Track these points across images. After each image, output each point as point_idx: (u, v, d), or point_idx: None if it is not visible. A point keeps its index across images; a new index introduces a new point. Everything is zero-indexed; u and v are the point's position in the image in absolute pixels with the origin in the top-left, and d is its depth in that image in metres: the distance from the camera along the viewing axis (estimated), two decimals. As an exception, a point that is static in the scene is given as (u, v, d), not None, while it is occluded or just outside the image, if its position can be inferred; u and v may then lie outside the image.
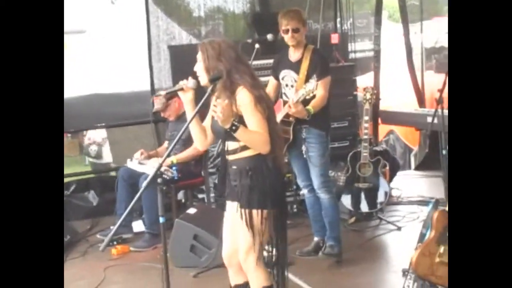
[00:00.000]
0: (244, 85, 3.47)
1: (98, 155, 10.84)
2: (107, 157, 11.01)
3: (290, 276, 4.81)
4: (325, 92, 4.95)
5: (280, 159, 3.68)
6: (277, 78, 5.24)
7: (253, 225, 3.51)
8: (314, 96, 4.83)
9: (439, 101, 5.31)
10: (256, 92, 3.48)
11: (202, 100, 3.51)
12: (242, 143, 3.51)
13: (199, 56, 3.59)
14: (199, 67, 3.59)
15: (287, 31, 5.03)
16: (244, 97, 3.46)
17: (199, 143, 3.76)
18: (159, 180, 3.43)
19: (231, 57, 3.51)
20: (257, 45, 5.46)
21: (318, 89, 4.89)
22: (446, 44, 9.86)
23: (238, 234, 3.60)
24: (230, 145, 3.59)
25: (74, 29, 12.47)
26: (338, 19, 8.06)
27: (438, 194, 5.88)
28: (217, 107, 3.30)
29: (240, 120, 3.44)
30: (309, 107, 4.84)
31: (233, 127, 3.37)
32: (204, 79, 3.57)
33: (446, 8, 9.35)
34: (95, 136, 10.73)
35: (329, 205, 5.23)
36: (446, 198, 4.38)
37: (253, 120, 3.46)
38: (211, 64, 3.52)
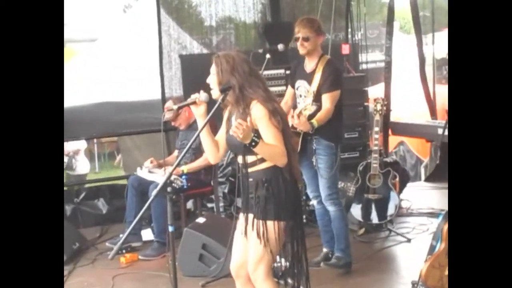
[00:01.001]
0: (257, 99, 3.47)
1: (69, 167, 10.67)
2: (82, 168, 10.92)
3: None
4: (331, 106, 4.89)
5: (297, 171, 3.68)
6: (293, 86, 5.22)
7: (268, 237, 3.50)
8: (319, 110, 4.82)
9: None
10: (270, 106, 3.47)
11: (212, 111, 3.51)
12: (260, 155, 3.52)
13: (213, 69, 3.57)
14: (212, 80, 3.58)
15: (298, 39, 5.01)
16: (258, 111, 3.45)
17: (211, 156, 3.75)
18: (168, 189, 3.44)
19: (245, 71, 3.51)
20: (268, 55, 5.43)
21: (324, 102, 4.88)
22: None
23: (249, 245, 3.59)
24: (248, 158, 3.58)
25: (86, 37, 12.54)
26: (349, 30, 8.07)
27: (448, 206, 5.85)
28: (239, 129, 3.27)
29: (256, 134, 3.44)
30: (314, 120, 4.78)
31: (253, 143, 3.36)
32: (216, 93, 3.55)
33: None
34: (68, 146, 10.58)
35: (336, 217, 5.20)
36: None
37: (269, 133, 3.45)
38: (224, 78, 3.51)
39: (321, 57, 5.07)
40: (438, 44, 8.86)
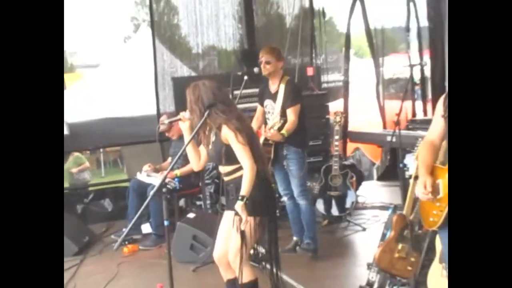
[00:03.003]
0: (223, 123, 3.49)
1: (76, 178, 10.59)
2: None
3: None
4: (295, 118, 4.94)
5: (268, 173, 3.70)
6: (262, 105, 5.25)
7: (245, 231, 3.51)
8: (285, 123, 4.88)
9: (397, 123, 5.36)
10: (234, 124, 3.49)
11: (198, 126, 3.51)
12: (235, 166, 3.54)
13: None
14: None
15: (261, 62, 5.05)
16: (227, 132, 3.49)
17: (194, 164, 3.80)
18: (164, 189, 3.43)
19: (209, 98, 3.52)
20: (245, 77, 5.47)
21: (289, 115, 4.95)
22: (401, 76, 9.93)
23: (231, 238, 3.59)
24: (226, 168, 3.62)
25: (90, 63, 12.49)
26: (313, 55, 8.12)
27: (397, 200, 5.88)
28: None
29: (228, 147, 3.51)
30: (283, 131, 4.86)
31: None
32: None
33: (401, 46, 9.43)
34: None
35: (306, 210, 5.23)
36: (403, 204, 4.39)
37: (237, 148, 3.48)
38: (192, 107, 3.56)
39: (281, 78, 5.10)
40: (386, 67, 8.95)
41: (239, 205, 3.41)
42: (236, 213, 3.49)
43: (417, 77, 8.40)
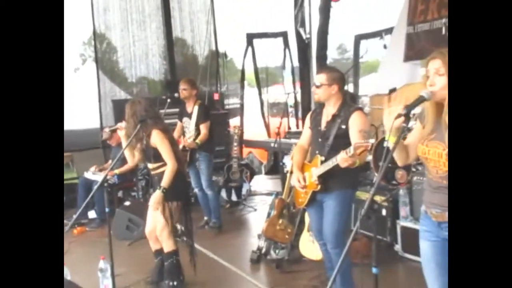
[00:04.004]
0: (153, 131, 3.41)
1: None
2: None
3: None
4: (206, 131, 4.95)
5: (185, 171, 3.67)
6: (181, 121, 5.18)
7: (167, 212, 3.43)
8: (198, 134, 4.89)
9: (278, 134, 5.48)
10: (162, 133, 3.42)
11: (132, 135, 3.41)
12: (159, 163, 3.43)
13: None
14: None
15: (180, 90, 5.03)
16: (155, 138, 3.41)
17: (130, 162, 3.69)
18: (105, 184, 3.30)
19: (142, 114, 3.43)
20: (168, 100, 5.40)
21: (201, 129, 4.95)
22: (281, 101, 10.18)
23: (157, 218, 3.50)
24: (153, 165, 3.52)
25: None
26: (218, 84, 8.15)
27: (278, 188, 6.01)
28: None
29: (155, 150, 3.40)
30: (197, 141, 4.87)
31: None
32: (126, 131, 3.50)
33: (280, 79, 9.67)
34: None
35: (212, 198, 5.22)
36: (283, 191, 4.48)
37: (163, 150, 3.41)
38: (129, 119, 3.47)
39: (195, 102, 5.07)
40: (270, 94, 9.16)
41: (158, 195, 3.36)
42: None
43: (291, 102, 8.65)
